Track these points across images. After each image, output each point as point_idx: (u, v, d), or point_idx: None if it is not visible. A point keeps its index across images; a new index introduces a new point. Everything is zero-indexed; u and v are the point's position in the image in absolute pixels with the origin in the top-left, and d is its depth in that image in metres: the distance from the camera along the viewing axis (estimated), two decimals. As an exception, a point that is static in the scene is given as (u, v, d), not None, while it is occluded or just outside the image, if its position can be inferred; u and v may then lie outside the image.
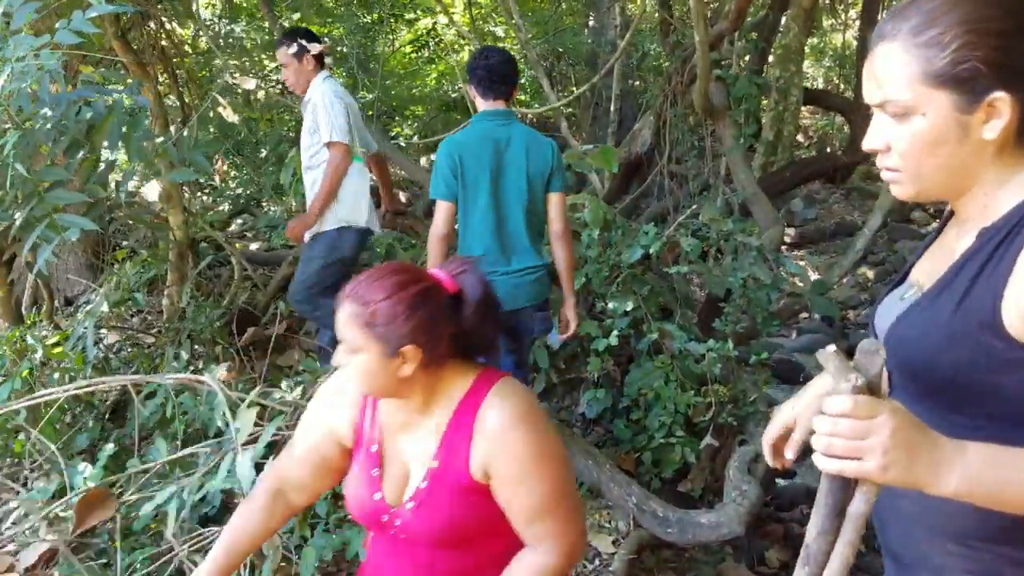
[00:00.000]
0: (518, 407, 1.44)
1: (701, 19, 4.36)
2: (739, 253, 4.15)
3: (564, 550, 1.44)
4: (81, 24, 2.59)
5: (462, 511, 1.45)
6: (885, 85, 1.05)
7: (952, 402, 1.07)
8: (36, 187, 2.45)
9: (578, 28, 11.13)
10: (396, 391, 1.45)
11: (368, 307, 1.38)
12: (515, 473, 1.41)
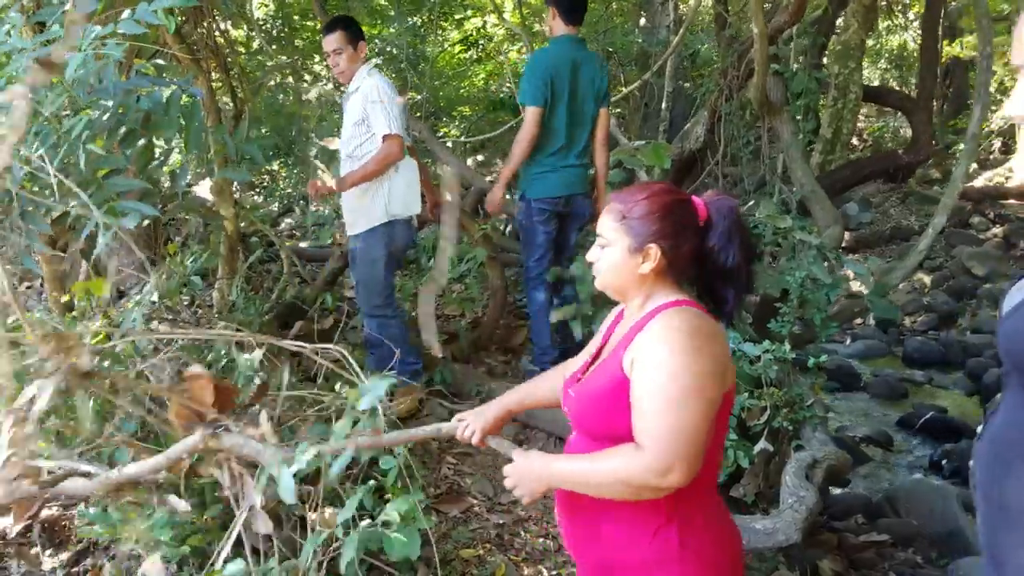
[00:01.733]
0: (682, 321, 1.49)
1: (760, 11, 4.24)
2: (797, 252, 4.02)
3: (658, 458, 1.42)
4: (146, 15, 2.59)
5: (602, 402, 1.54)
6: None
7: None
8: (95, 174, 2.45)
9: (628, 28, 11.03)
10: (628, 289, 1.60)
11: (627, 204, 1.56)
12: (646, 367, 1.46)
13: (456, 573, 2.79)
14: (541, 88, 3.81)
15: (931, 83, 7.07)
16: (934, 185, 10.59)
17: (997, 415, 1.15)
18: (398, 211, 3.61)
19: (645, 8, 11.28)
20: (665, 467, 1.41)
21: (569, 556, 3.02)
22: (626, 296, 1.63)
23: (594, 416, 1.57)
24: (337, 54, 3.62)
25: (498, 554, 2.94)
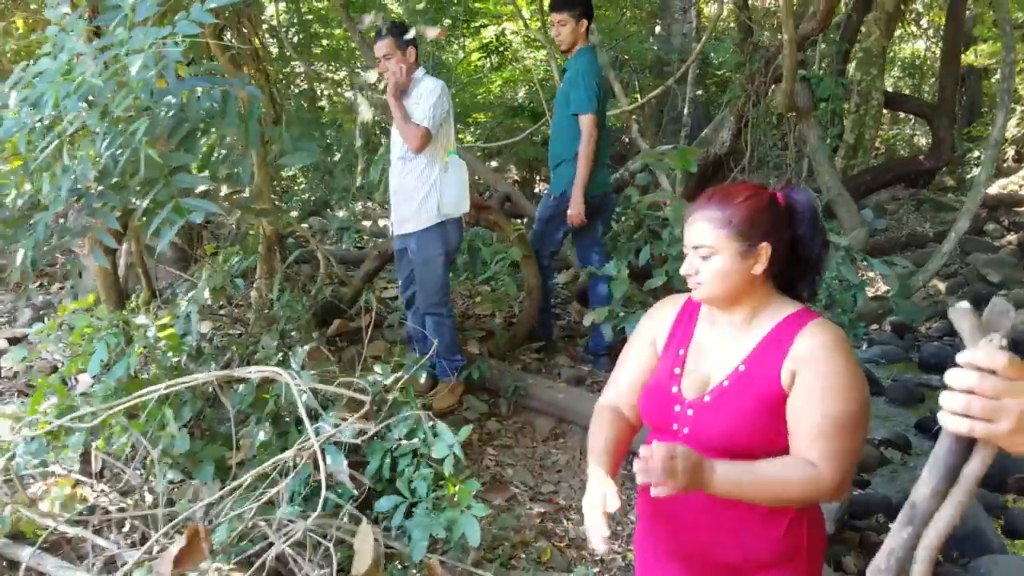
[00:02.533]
0: (839, 338, 1.52)
1: (790, 18, 4.33)
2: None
3: (834, 478, 1.45)
4: (201, 15, 2.69)
5: (756, 420, 1.52)
6: None
7: None
8: (161, 171, 2.54)
9: (643, 36, 11.13)
10: (742, 293, 1.58)
11: (727, 210, 1.54)
12: (820, 386, 1.48)
13: (504, 557, 2.88)
14: (594, 96, 4.16)
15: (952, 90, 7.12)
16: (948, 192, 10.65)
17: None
18: (450, 211, 3.71)
19: (660, 16, 11.38)
20: (841, 486, 1.46)
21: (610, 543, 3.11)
22: (738, 302, 1.59)
23: (748, 433, 1.53)
24: (387, 59, 3.67)
25: (542, 540, 3.03)
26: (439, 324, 3.75)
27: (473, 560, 2.80)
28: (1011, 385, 0.87)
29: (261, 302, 4.45)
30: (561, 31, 4.23)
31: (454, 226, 3.76)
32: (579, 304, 5.16)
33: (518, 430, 3.80)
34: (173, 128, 2.61)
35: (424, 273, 3.78)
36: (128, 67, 2.41)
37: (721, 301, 1.60)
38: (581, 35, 4.24)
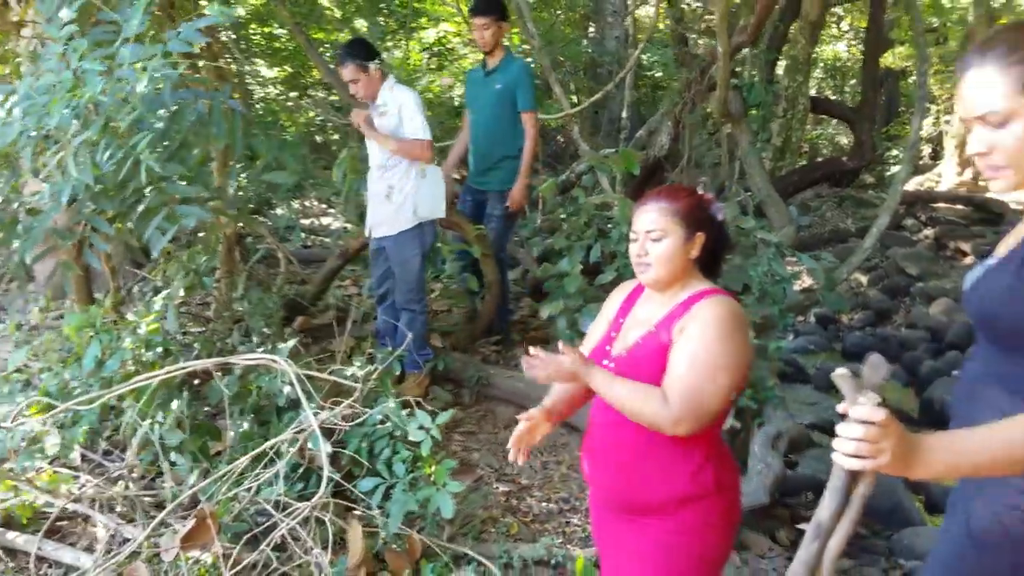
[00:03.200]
0: (730, 308, 1.84)
1: (724, 32, 4.68)
2: (758, 249, 4.45)
3: (676, 410, 1.74)
4: (192, 34, 2.88)
5: (655, 366, 1.83)
6: (984, 100, 1.31)
7: (1014, 343, 1.36)
8: (155, 179, 2.72)
9: (577, 38, 11.44)
10: (680, 275, 1.91)
11: (675, 203, 1.90)
12: (693, 335, 1.79)
13: (475, 531, 3.15)
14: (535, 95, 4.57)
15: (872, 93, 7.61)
16: (869, 190, 11.26)
17: (973, 362, 1.49)
18: (426, 215, 3.98)
19: (594, 19, 11.71)
20: (677, 419, 1.75)
21: (570, 516, 3.41)
22: (674, 280, 1.91)
23: (645, 379, 1.82)
24: (354, 83, 3.86)
25: (509, 516, 3.31)
26: (413, 319, 3.99)
27: (448, 535, 3.06)
28: (886, 430, 1.21)
29: (223, 300, 4.60)
30: (485, 34, 4.50)
31: (430, 228, 4.02)
32: (531, 299, 5.44)
33: (481, 417, 4.07)
34: (165, 139, 2.79)
35: (402, 272, 4.02)
36: (129, 83, 2.59)
37: (664, 282, 1.92)
38: (501, 37, 4.55)
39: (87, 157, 2.65)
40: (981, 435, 1.23)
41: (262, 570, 2.57)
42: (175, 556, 2.47)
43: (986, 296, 1.41)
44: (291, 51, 9.84)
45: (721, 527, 1.90)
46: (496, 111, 4.60)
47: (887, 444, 1.21)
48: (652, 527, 1.91)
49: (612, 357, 1.96)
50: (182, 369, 2.80)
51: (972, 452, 1.23)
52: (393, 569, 2.82)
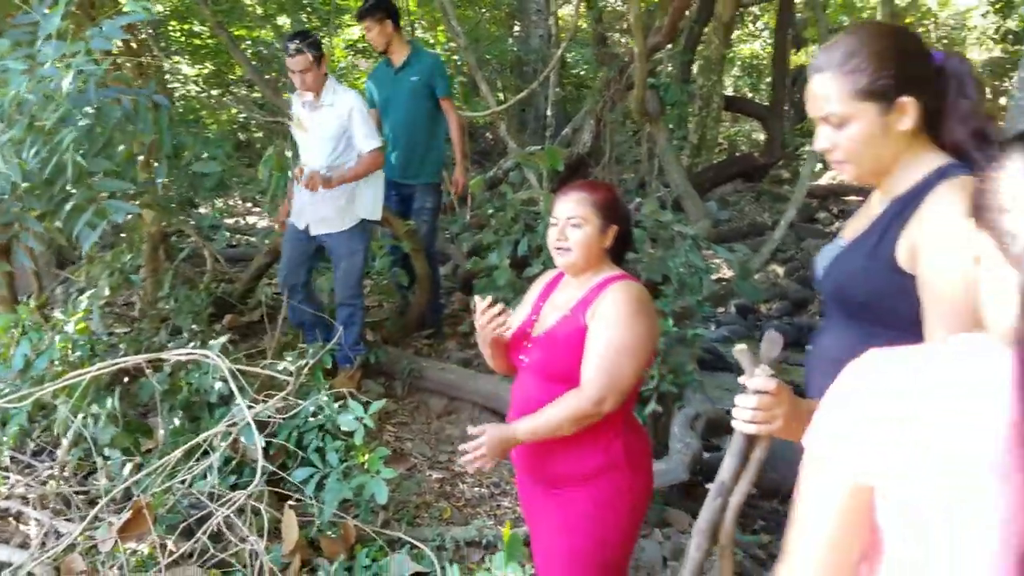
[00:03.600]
0: (636, 292, 2.01)
1: (640, 33, 4.87)
2: (675, 242, 4.66)
3: (597, 391, 1.92)
4: (113, 31, 2.90)
5: (567, 350, 2.00)
6: (825, 103, 1.46)
7: (868, 317, 1.52)
8: (82, 176, 2.74)
9: (502, 36, 11.58)
10: (593, 262, 2.07)
11: (595, 194, 2.07)
12: (605, 319, 1.96)
13: (409, 516, 3.25)
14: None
15: (782, 92, 7.95)
16: (784, 184, 11.70)
17: (826, 338, 1.65)
18: (367, 214, 4.10)
19: (518, 18, 11.86)
20: (600, 398, 1.92)
21: (501, 500, 3.54)
22: (588, 266, 2.07)
23: (561, 358, 2.00)
24: (305, 73, 3.88)
25: (442, 501, 3.42)
26: (352, 315, 4.07)
27: (382, 521, 3.14)
28: (778, 399, 1.37)
29: (148, 299, 4.57)
30: (372, 36, 4.67)
31: (369, 227, 4.15)
32: (462, 293, 5.55)
33: (414, 409, 4.16)
34: (90, 135, 2.80)
35: (347, 267, 4.10)
36: (52, 80, 2.60)
37: (579, 267, 2.07)
38: (392, 34, 4.68)
39: (12, 155, 2.65)
40: None
41: (198, 559, 2.62)
42: (112, 547, 2.50)
43: (840, 276, 1.56)
44: (212, 48, 9.72)
45: (634, 495, 2.06)
46: (414, 105, 4.72)
47: (779, 411, 1.37)
48: (571, 498, 2.06)
49: (532, 339, 2.12)
50: (115, 365, 2.82)
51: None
52: (328, 555, 2.90)
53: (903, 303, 1.43)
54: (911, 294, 1.42)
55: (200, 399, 3.43)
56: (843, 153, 1.49)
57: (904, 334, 1.44)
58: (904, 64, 1.44)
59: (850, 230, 1.64)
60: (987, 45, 14.38)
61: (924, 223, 1.40)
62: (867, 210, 1.62)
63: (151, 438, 3.32)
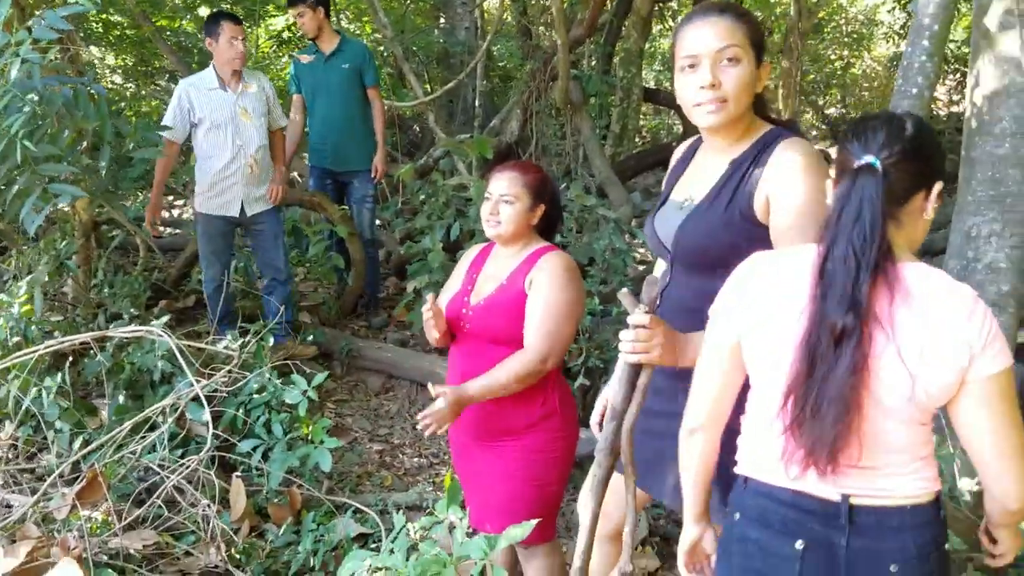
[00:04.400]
0: (569, 261, 2.25)
1: (562, 26, 5.10)
2: (600, 226, 4.92)
3: (540, 350, 2.15)
4: (57, 21, 2.98)
5: (508, 316, 2.21)
6: (728, 38, 1.63)
7: (720, 269, 1.64)
8: (27, 161, 2.82)
9: (428, 28, 11.69)
10: (522, 234, 2.28)
11: (526, 175, 2.27)
12: (542, 287, 2.18)
13: (352, 484, 3.42)
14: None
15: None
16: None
17: (672, 288, 1.83)
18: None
19: (443, 10, 11.98)
20: (544, 356, 2.16)
21: (439, 469, 3.73)
22: (516, 240, 2.28)
23: (503, 323, 2.21)
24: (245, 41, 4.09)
25: (383, 471, 3.59)
26: (286, 292, 4.20)
27: (326, 488, 3.31)
28: (654, 331, 1.58)
29: (79, 288, 4.60)
30: (303, 22, 4.79)
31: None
32: (396, 277, 5.71)
33: (353, 387, 4.32)
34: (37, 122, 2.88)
35: (277, 243, 4.28)
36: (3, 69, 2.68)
37: (508, 238, 2.27)
38: (323, 21, 4.81)
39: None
40: None
41: (151, 524, 2.75)
42: (67, 514, 2.61)
43: (698, 234, 1.73)
44: (132, 39, 9.57)
45: (567, 440, 2.32)
46: (346, 92, 4.86)
47: (656, 341, 1.57)
48: (510, 447, 2.29)
49: (471, 307, 2.30)
50: (64, 343, 2.91)
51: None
52: (276, 520, 3.05)
53: (754, 250, 1.61)
54: (761, 242, 1.63)
55: (143, 378, 3.52)
56: (726, 91, 1.63)
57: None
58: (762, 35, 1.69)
59: (688, 191, 1.81)
60: (894, 40, 15.15)
61: (777, 175, 1.62)
62: (698, 174, 1.80)
63: (95, 416, 3.40)
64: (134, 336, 3.33)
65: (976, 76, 3.08)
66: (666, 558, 3.06)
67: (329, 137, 4.86)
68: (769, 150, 1.65)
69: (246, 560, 2.76)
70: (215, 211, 4.16)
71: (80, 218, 4.51)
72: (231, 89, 4.05)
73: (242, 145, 4.08)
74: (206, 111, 4.01)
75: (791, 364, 1.39)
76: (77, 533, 2.45)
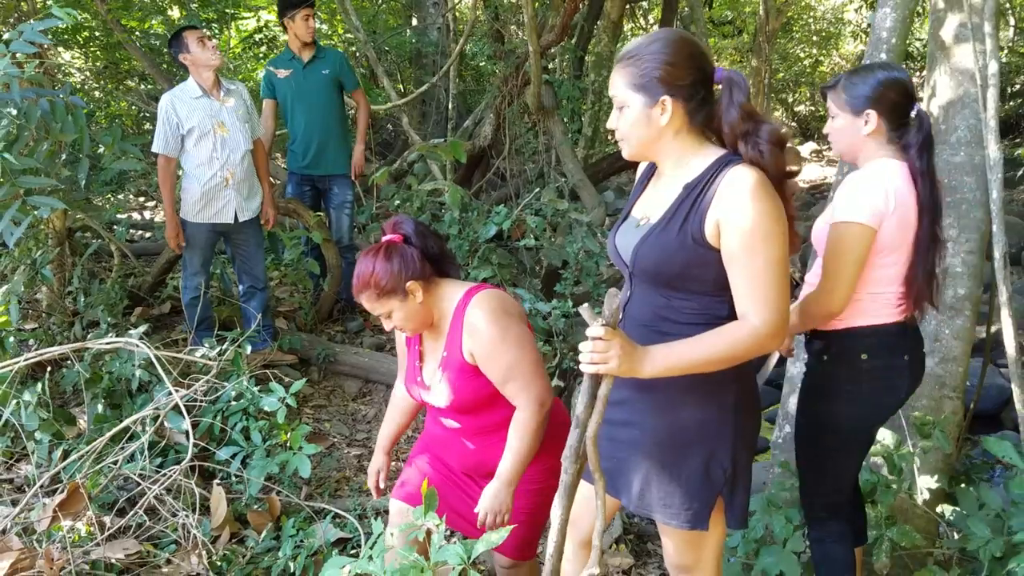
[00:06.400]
0: (491, 304, 2.10)
1: (533, 32, 5.17)
2: (572, 229, 4.99)
3: (533, 401, 2.08)
4: (35, 35, 3.00)
5: (464, 385, 2.13)
6: (612, 88, 1.77)
7: (676, 288, 1.78)
8: (5, 173, 2.84)
9: (400, 28, 11.70)
10: (428, 315, 2.14)
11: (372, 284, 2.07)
12: (486, 352, 2.07)
13: (331, 489, 3.47)
14: None
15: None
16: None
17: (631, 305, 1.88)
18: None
19: (415, 9, 11.99)
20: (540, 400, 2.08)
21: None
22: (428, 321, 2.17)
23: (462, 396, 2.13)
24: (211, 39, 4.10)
25: (361, 475, 3.64)
26: (264, 298, 4.24)
27: (305, 494, 3.36)
28: (611, 343, 1.61)
29: (52, 296, 4.60)
30: (309, 25, 4.81)
31: None
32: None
33: (330, 392, 4.37)
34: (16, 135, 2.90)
35: (258, 251, 4.33)
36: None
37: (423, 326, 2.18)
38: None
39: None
40: (690, 342, 1.69)
41: (132, 533, 2.78)
42: (49, 525, 2.64)
43: (654, 253, 1.77)
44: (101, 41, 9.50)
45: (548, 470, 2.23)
46: (327, 98, 4.92)
47: (613, 352, 1.60)
48: None
49: (425, 385, 2.24)
50: (44, 354, 2.93)
51: (684, 353, 1.68)
52: (256, 527, 3.09)
53: (707, 272, 1.73)
54: (713, 264, 1.72)
55: (121, 387, 3.55)
56: (620, 133, 1.79)
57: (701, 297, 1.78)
58: (671, 70, 1.74)
59: (646, 210, 1.87)
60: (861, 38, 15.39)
61: (726, 199, 1.68)
62: (655, 195, 1.88)
63: (73, 425, 3.42)
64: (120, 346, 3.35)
65: (932, 87, 3.19)
66: (640, 555, 3.14)
67: (309, 142, 4.89)
68: (720, 175, 1.72)
69: (227, 567, 2.81)
70: (207, 220, 4.17)
71: (54, 226, 4.52)
72: (214, 97, 4.08)
73: (230, 152, 4.11)
74: (194, 120, 4.01)
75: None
76: (60, 544, 2.48)
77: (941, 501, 2.82)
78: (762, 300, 1.66)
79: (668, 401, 1.82)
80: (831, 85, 2.29)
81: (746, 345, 1.67)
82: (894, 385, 2.20)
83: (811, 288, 2.24)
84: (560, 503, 1.75)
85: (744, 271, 1.68)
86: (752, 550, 2.54)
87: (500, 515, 2.13)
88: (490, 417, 2.20)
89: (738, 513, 1.86)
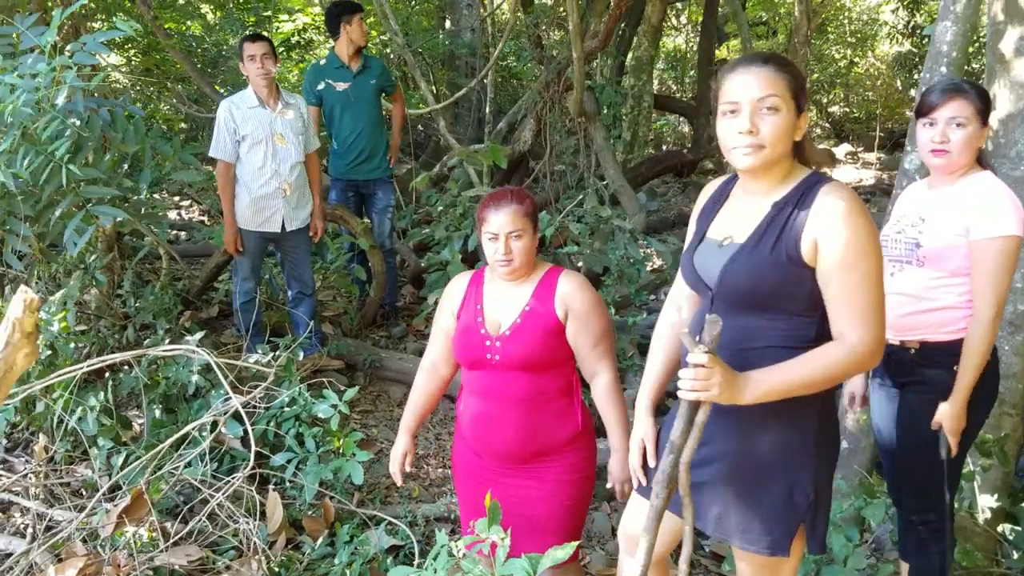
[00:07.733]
0: (581, 278, 2.32)
1: (578, 38, 5.17)
2: (615, 235, 4.99)
3: (614, 368, 2.29)
4: (96, 46, 3.06)
5: (545, 340, 2.24)
6: (769, 87, 1.72)
7: (765, 308, 1.77)
8: (70, 183, 2.90)
9: (433, 29, 11.73)
10: (527, 265, 2.28)
11: (524, 203, 2.26)
12: (585, 312, 2.25)
13: (381, 496, 3.50)
14: None
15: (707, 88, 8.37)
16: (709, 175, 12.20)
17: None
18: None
19: (449, 11, 12.02)
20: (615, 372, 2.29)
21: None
22: (528, 269, 2.30)
23: (534, 348, 2.22)
24: (267, 59, 4.13)
25: (411, 481, 3.68)
26: (312, 304, 4.31)
27: (357, 500, 3.39)
28: (712, 370, 1.62)
29: (102, 299, 4.67)
30: (363, 30, 4.94)
31: None
32: (412, 287, 5.79)
33: (376, 397, 4.41)
34: (81, 146, 2.96)
35: (306, 258, 4.42)
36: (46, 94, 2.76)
37: (522, 272, 2.29)
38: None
39: (3, 164, 2.79)
40: (787, 366, 1.69)
41: (191, 540, 2.83)
42: (112, 531, 2.69)
43: (744, 274, 1.77)
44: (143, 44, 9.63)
45: (592, 457, 2.38)
46: (374, 105, 5.04)
47: (715, 380, 1.62)
48: (548, 470, 2.33)
49: (495, 336, 2.28)
50: (106, 360, 2.99)
51: (783, 378, 1.68)
52: (311, 533, 3.13)
53: (800, 290, 1.72)
54: (807, 282, 1.72)
55: (177, 392, 3.60)
56: (763, 137, 1.71)
57: (790, 318, 1.76)
58: (805, 87, 1.78)
59: (727, 230, 1.87)
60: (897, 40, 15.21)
61: (825, 219, 1.69)
62: (736, 214, 1.87)
63: (129, 430, 3.48)
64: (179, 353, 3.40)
65: (992, 100, 3.16)
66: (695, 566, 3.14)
67: (358, 148, 4.97)
68: (811, 193, 1.73)
69: (285, 573, 2.85)
70: (256, 227, 4.26)
71: (105, 231, 4.60)
72: (270, 107, 4.14)
73: (280, 162, 4.18)
74: (248, 128, 4.11)
75: None
76: (126, 551, 2.53)
77: (1001, 520, 2.79)
78: (859, 318, 1.67)
79: (748, 425, 1.82)
80: (957, 89, 2.27)
81: (845, 365, 1.68)
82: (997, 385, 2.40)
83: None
84: (648, 529, 1.76)
85: (841, 289, 1.68)
86: (812, 571, 2.53)
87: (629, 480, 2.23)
88: (552, 382, 2.28)
89: (819, 538, 1.86)
